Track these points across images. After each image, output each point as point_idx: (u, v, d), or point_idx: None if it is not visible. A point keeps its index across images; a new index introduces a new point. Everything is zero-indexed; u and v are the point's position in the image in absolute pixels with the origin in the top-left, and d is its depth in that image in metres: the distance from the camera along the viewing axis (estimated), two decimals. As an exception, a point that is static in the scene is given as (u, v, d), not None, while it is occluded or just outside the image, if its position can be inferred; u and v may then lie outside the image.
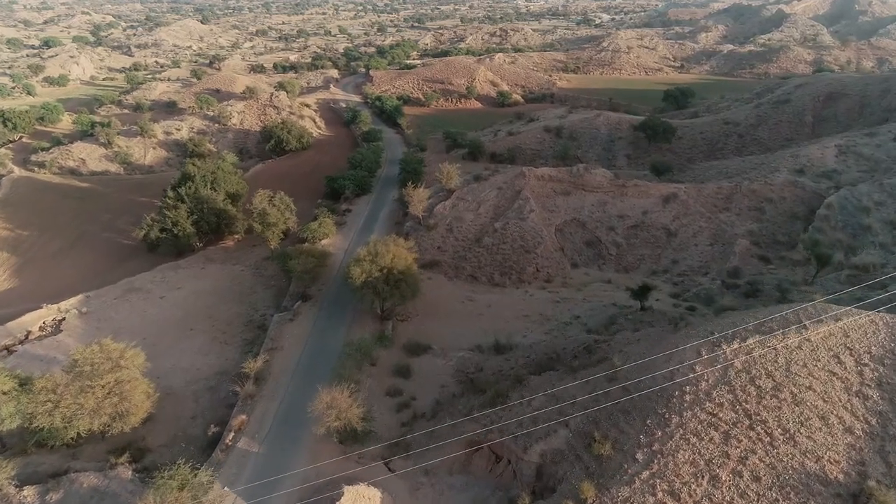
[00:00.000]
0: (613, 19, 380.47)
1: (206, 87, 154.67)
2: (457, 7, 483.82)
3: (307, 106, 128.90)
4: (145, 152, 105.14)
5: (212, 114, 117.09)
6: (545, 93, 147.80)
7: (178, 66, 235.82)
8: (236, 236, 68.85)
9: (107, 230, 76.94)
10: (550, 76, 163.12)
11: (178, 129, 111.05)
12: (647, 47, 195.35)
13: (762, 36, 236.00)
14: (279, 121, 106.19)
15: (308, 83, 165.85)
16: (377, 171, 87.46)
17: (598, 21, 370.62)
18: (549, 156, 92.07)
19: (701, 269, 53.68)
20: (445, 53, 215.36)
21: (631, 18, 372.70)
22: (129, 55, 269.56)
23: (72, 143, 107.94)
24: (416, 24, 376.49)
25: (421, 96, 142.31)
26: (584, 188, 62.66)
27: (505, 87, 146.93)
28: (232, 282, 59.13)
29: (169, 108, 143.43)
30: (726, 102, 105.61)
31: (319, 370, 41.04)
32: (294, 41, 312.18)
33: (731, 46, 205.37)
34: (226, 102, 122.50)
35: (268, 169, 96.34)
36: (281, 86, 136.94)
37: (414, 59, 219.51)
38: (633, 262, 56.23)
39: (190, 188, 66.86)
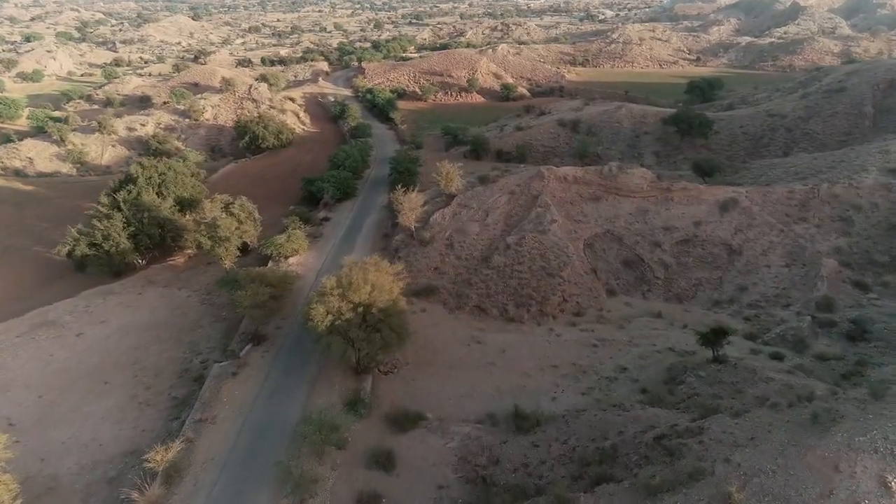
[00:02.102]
0: (617, 15, 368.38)
1: (185, 80, 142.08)
2: (455, 5, 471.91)
3: (291, 100, 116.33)
4: (103, 151, 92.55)
5: (182, 108, 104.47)
6: (553, 86, 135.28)
7: (163, 62, 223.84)
8: (188, 252, 56.17)
9: (39, 243, 64.03)
10: (559, 69, 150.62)
11: (143, 125, 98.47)
12: (659, 39, 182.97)
13: (777, 29, 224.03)
14: (255, 115, 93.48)
15: (295, 76, 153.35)
16: (364, 172, 74.91)
17: (601, 17, 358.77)
18: (564, 153, 79.56)
19: (779, 300, 41.08)
20: (444, 47, 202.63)
21: (636, 14, 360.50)
22: (114, 51, 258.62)
23: (22, 140, 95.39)
24: (414, 21, 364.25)
25: (417, 90, 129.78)
26: (619, 192, 50.09)
27: (509, 80, 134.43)
28: (172, 313, 46.43)
29: (143, 104, 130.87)
30: (765, 93, 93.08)
31: (262, 459, 28.36)
32: (287, 37, 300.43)
33: (748, 38, 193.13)
34: (199, 95, 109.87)
35: (240, 169, 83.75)
36: (263, 78, 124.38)
37: (411, 53, 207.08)
38: (687, 289, 43.63)
39: (129, 193, 54.22)
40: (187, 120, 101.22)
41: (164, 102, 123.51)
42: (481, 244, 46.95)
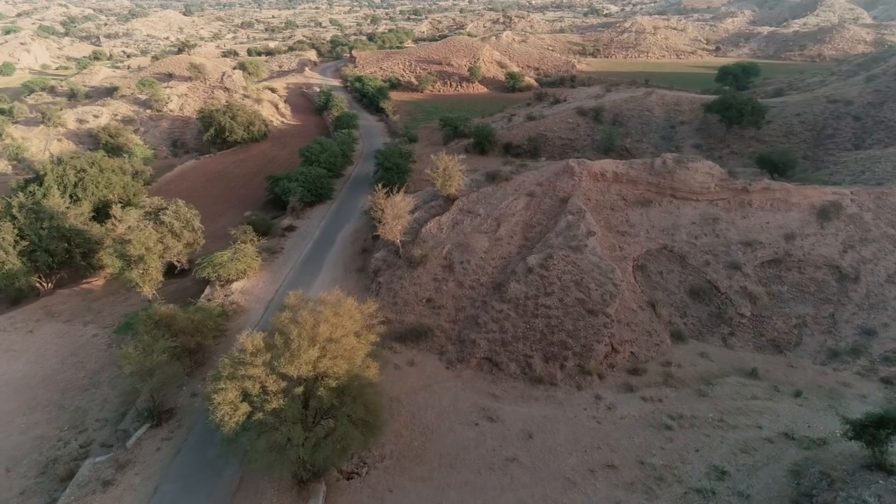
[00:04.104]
0: (622, 10, 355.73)
1: (158, 71, 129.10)
2: (455, 2, 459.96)
3: (272, 90, 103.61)
4: (46, 145, 79.73)
5: (144, 98, 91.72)
6: (563, 76, 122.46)
7: (146, 55, 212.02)
8: (108, 272, 43.28)
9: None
10: (568, 59, 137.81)
11: (97, 117, 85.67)
12: (675, 28, 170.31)
13: (796, 21, 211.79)
14: (223, 104, 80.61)
15: (280, 66, 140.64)
16: (346, 169, 62.13)
17: (606, 11, 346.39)
18: (585, 147, 66.76)
19: (928, 350, 28.21)
20: (444, 39, 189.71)
21: (641, 9, 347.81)
22: (97, 45, 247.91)
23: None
24: (412, 17, 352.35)
25: (413, 79, 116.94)
26: (676, 194, 37.28)
27: (515, 69, 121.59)
28: (65, 362, 33.60)
29: (110, 96, 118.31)
30: (817, 77, 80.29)
31: None
32: (280, 33, 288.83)
33: (769, 28, 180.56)
34: (164, 84, 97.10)
35: (200, 166, 70.90)
36: (241, 66, 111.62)
37: (409, 45, 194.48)
38: (787, 332, 30.77)
39: (30, 196, 41.45)
40: (148, 111, 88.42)
41: (132, 93, 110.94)
42: (492, 266, 34.12)
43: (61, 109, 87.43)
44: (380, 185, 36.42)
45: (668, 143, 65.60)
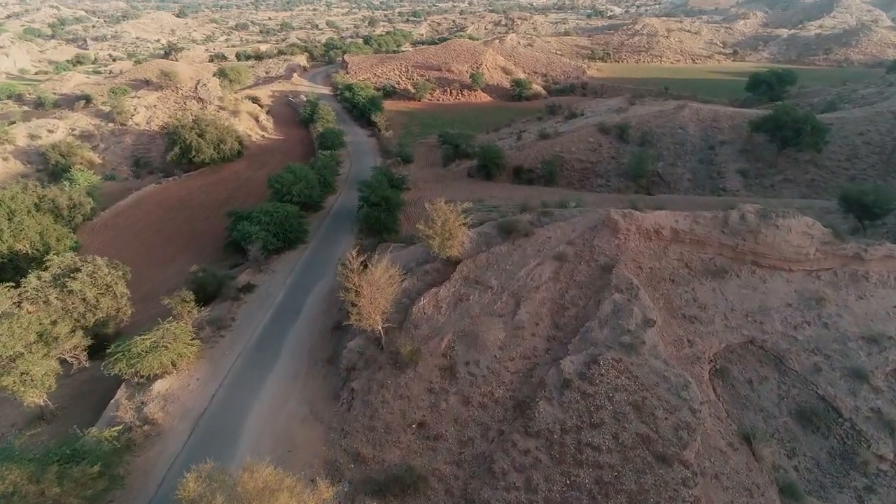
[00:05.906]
0: (627, 12, 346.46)
1: (136, 77, 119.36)
2: (455, 4, 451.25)
3: (254, 100, 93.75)
4: (-11, 166, 69.83)
5: (108, 109, 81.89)
6: (574, 83, 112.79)
7: (132, 59, 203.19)
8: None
9: None
10: (578, 64, 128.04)
11: (52, 132, 75.73)
12: (688, 31, 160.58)
13: (811, 23, 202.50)
14: (190, 118, 70.63)
15: (267, 72, 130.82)
16: (327, 199, 52.19)
17: (610, 13, 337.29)
18: (610, 172, 56.91)
19: None
20: (444, 42, 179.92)
21: (646, 10, 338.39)
22: (84, 48, 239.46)
23: None
24: (411, 18, 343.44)
25: (410, 87, 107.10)
26: (760, 261, 27.35)
27: (521, 75, 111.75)
28: None
29: (70, 108, 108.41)
30: (873, 88, 70.39)
31: None
32: (275, 35, 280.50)
33: (787, 30, 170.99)
34: (131, 94, 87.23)
35: (160, 193, 60.86)
36: (222, 73, 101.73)
37: (407, 48, 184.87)
38: (953, 487, 20.87)
39: None
40: (111, 124, 78.54)
41: (105, 103, 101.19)
42: (511, 370, 24.19)
43: (12, 122, 77.63)
44: (355, 252, 26.27)
45: (709, 168, 55.73)
